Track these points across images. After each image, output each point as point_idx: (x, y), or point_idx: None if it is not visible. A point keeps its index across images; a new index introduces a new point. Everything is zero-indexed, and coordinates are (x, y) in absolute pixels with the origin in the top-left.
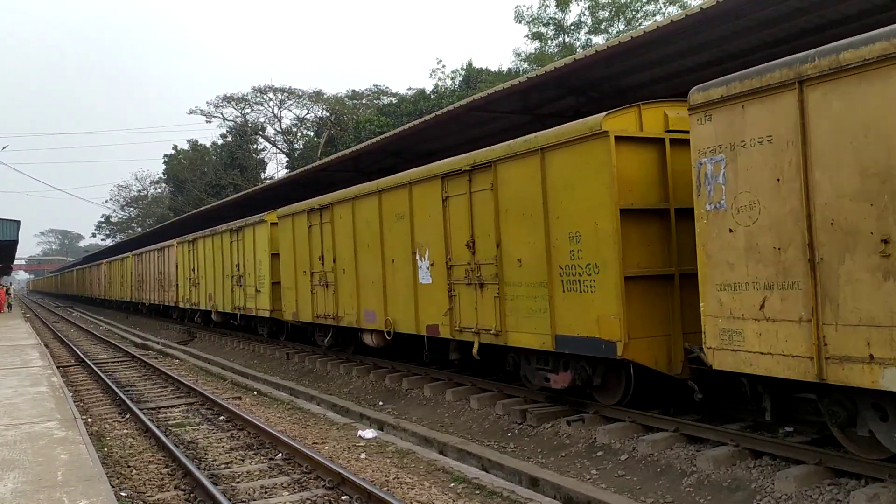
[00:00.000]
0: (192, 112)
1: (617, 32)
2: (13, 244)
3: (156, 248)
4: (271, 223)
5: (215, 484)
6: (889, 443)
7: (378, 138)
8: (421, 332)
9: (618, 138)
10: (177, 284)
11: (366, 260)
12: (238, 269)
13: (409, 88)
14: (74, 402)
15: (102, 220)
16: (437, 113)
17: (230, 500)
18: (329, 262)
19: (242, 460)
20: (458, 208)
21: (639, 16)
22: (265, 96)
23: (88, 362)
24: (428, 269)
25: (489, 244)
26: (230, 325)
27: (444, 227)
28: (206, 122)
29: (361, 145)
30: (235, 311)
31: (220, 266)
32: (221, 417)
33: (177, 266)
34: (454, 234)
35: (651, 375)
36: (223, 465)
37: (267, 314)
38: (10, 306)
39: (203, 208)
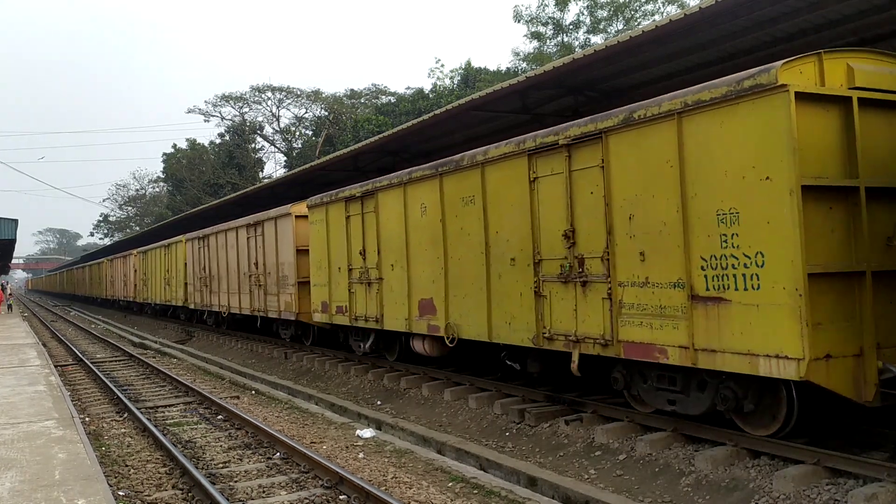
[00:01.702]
0: (190, 111)
1: (615, 32)
2: (11, 243)
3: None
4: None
5: (213, 483)
6: None
7: (376, 138)
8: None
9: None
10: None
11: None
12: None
13: (408, 88)
14: (72, 401)
15: (100, 219)
16: (436, 112)
17: (228, 500)
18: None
19: (240, 459)
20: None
21: (637, 15)
22: (263, 95)
23: (86, 361)
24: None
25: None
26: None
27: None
28: (205, 121)
29: (360, 144)
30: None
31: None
32: (219, 416)
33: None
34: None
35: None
36: (221, 465)
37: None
38: (9, 307)
39: (201, 207)
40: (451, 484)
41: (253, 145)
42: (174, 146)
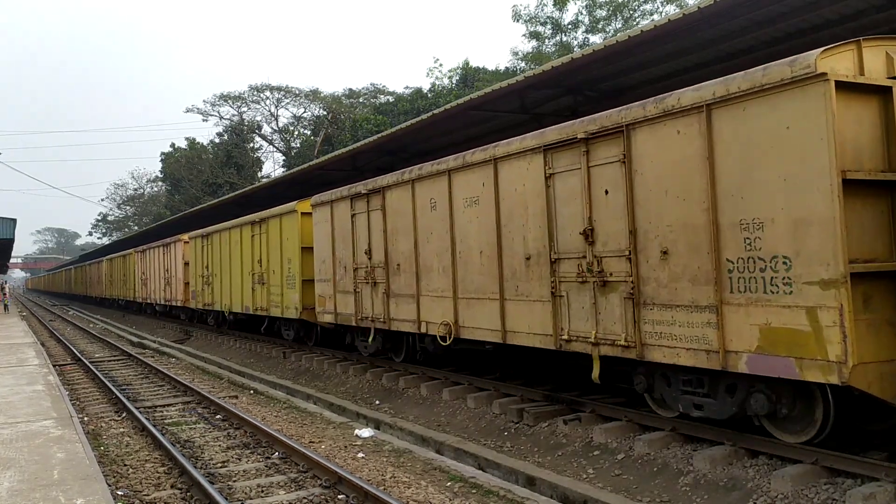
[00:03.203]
0: (188, 110)
1: (614, 31)
2: (9, 242)
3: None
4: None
5: (212, 483)
6: None
7: (375, 137)
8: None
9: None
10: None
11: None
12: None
13: (407, 87)
14: (71, 400)
15: (99, 218)
16: (435, 112)
17: (227, 499)
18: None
19: (239, 459)
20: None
21: (636, 15)
22: (262, 95)
23: (85, 361)
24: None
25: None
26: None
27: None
28: (203, 120)
29: (358, 144)
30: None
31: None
32: (218, 416)
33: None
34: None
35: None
36: (220, 464)
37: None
38: (6, 307)
39: (200, 207)
40: (449, 483)
41: (251, 145)
42: (172, 145)
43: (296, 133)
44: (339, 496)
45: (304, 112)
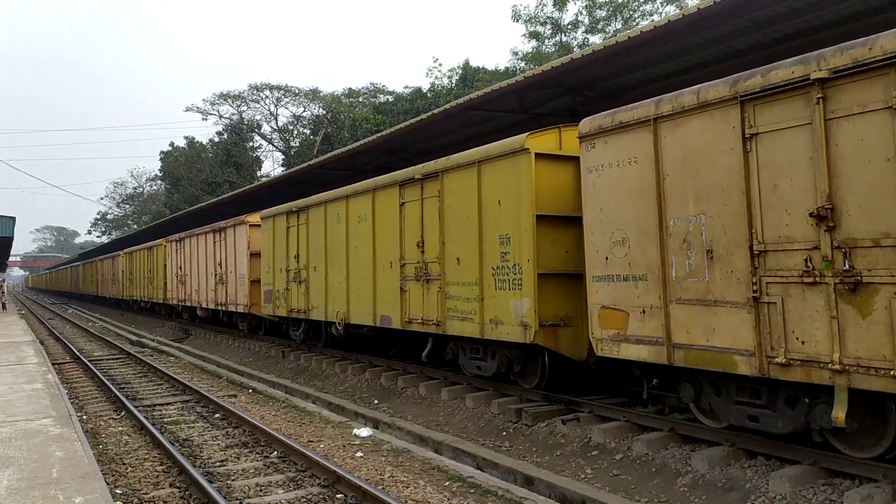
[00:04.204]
0: (188, 109)
1: (614, 32)
2: (8, 241)
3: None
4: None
5: (210, 482)
6: None
7: (374, 137)
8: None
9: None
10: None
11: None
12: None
13: (406, 87)
14: (70, 399)
15: (98, 217)
16: (434, 112)
17: (225, 498)
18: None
19: (237, 458)
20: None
21: (636, 15)
22: (262, 94)
23: (84, 359)
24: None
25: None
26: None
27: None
28: (203, 119)
29: (358, 144)
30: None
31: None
32: (217, 415)
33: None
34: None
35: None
36: (218, 463)
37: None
38: (3, 306)
39: (199, 206)
40: (448, 483)
41: (251, 144)
42: (172, 144)
43: (295, 132)
44: (338, 495)
45: (304, 111)
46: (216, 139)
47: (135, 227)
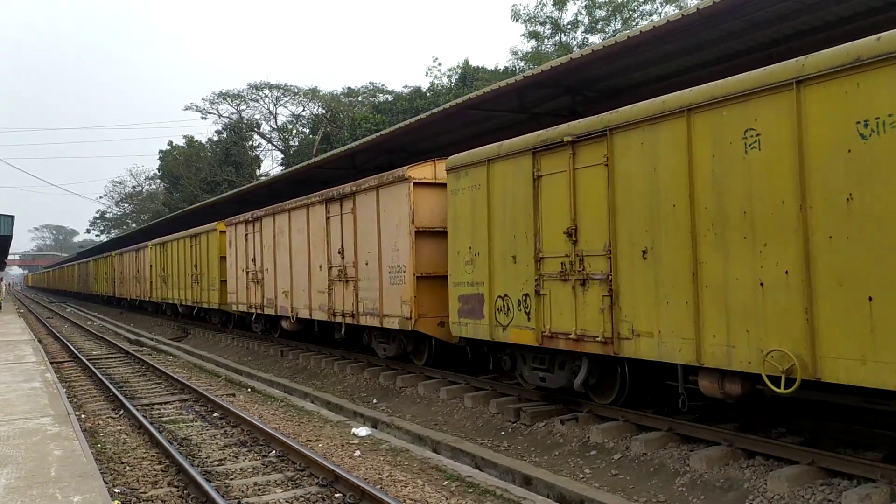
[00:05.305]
0: (187, 108)
1: (613, 32)
2: (7, 239)
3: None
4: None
5: (209, 480)
6: None
7: (373, 136)
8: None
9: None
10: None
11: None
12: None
13: (406, 86)
14: (68, 398)
15: (97, 215)
16: (433, 111)
17: (224, 497)
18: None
19: (236, 457)
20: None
21: (635, 15)
22: (261, 93)
23: (82, 358)
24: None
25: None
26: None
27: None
28: (202, 118)
29: (357, 143)
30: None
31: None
32: (215, 414)
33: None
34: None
35: None
36: (217, 462)
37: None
38: None
39: (198, 205)
40: (446, 482)
41: (250, 143)
42: (171, 143)
43: (294, 131)
44: (336, 495)
45: (303, 110)
46: (215, 138)
47: (133, 225)
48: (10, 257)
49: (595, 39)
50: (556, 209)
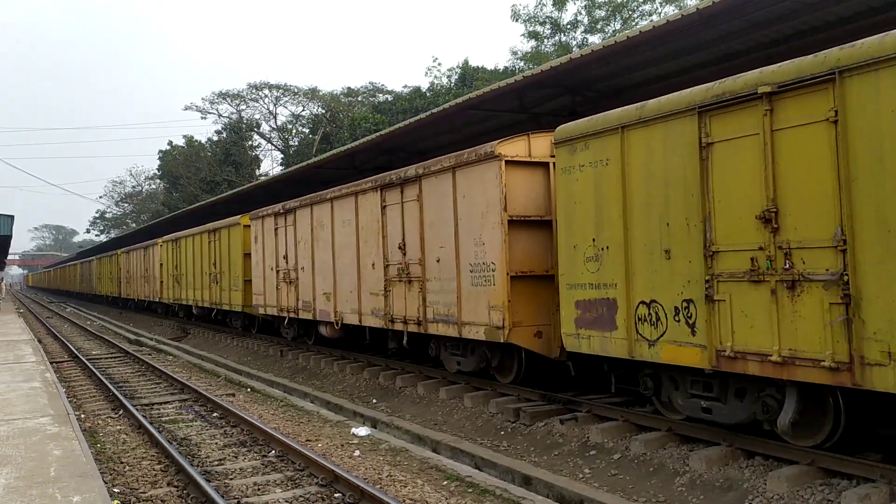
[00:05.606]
0: (187, 108)
1: (613, 32)
2: (6, 239)
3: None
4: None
5: (208, 480)
6: None
7: (373, 136)
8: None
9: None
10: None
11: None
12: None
13: (405, 86)
14: (67, 397)
15: (97, 215)
16: (433, 111)
17: (223, 497)
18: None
19: (236, 457)
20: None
21: (635, 15)
22: (261, 93)
23: (82, 358)
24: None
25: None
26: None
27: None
28: (202, 118)
29: (356, 143)
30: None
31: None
32: (215, 414)
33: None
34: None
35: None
36: (216, 462)
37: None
38: None
39: (197, 204)
40: (445, 482)
41: (250, 143)
42: (171, 143)
43: (294, 131)
44: (336, 494)
45: (303, 110)
46: (215, 138)
47: (133, 225)
48: (9, 257)
49: (595, 39)
50: (741, 186)
